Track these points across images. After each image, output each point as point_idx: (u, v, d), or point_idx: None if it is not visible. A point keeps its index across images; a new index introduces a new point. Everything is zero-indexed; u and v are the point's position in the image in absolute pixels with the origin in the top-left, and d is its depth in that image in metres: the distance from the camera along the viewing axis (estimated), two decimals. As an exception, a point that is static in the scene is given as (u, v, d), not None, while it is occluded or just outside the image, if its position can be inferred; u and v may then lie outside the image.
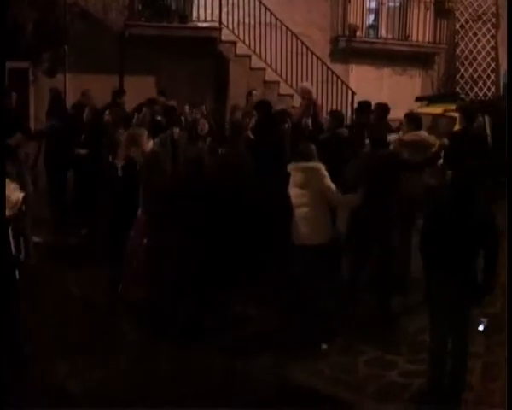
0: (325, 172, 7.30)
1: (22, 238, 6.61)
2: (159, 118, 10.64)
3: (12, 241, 6.17)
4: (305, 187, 7.29)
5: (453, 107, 12.38)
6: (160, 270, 7.31)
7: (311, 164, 7.36)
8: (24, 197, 6.36)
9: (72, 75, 13.77)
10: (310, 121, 10.60)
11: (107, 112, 10.65)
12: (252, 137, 9.75)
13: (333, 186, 7.29)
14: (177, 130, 9.96)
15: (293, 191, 7.41)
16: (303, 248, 7.30)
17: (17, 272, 6.22)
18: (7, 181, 6.13)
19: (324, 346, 7.05)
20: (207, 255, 7.33)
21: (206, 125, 10.26)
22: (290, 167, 7.52)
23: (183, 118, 11.08)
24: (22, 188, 6.73)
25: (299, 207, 7.33)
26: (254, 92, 12.31)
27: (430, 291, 5.93)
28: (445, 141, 9.70)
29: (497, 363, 6.35)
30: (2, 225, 6.01)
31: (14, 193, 6.18)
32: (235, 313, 7.66)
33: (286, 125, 9.82)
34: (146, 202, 7.51)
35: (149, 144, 7.99)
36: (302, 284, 7.36)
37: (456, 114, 11.24)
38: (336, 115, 10.21)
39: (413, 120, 9.29)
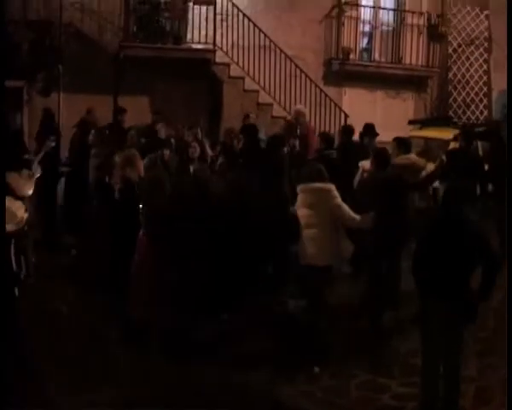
0: (336, 193, 7.38)
1: (23, 257, 6.64)
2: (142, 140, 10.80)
3: (13, 258, 6.20)
4: (314, 208, 7.35)
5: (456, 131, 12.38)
6: (164, 291, 7.27)
7: (321, 185, 7.44)
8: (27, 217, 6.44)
9: (66, 95, 13.82)
10: (297, 142, 10.70)
11: (92, 132, 10.79)
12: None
13: (345, 206, 7.37)
14: (167, 152, 10.01)
15: (302, 212, 7.46)
16: (309, 268, 7.34)
17: (16, 290, 6.22)
18: (12, 199, 6.21)
19: (317, 369, 7.04)
20: (210, 276, 7.37)
21: (198, 149, 10.32)
22: (299, 188, 7.59)
23: (172, 140, 11.09)
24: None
25: (308, 228, 7.36)
26: (251, 115, 12.42)
27: (423, 314, 5.92)
28: (443, 157, 9.71)
29: (489, 387, 6.32)
30: (3, 241, 6.05)
31: (20, 210, 6.28)
32: (229, 331, 7.65)
33: (285, 149, 9.89)
34: (148, 224, 7.45)
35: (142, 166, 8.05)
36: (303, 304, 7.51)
37: (450, 137, 11.32)
38: (325, 137, 10.34)
39: (402, 143, 9.39)
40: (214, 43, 14.20)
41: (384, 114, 15.91)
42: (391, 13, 17.12)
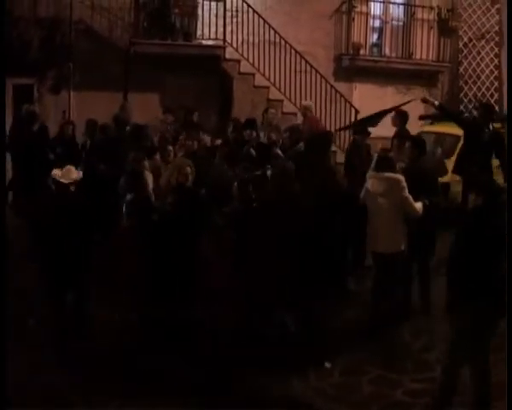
0: (405, 184, 7.57)
1: None
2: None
3: None
4: (386, 196, 7.57)
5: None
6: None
7: (391, 174, 7.67)
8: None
9: (76, 92, 13.85)
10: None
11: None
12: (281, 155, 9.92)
13: (411, 198, 7.55)
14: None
15: (373, 200, 7.70)
16: (378, 255, 7.71)
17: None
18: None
19: (328, 364, 7.03)
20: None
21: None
22: (370, 175, 7.87)
23: None
24: None
25: (377, 216, 7.63)
26: (271, 110, 12.46)
27: (454, 312, 5.85)
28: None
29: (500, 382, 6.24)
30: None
31: (74, 173, 7.33)
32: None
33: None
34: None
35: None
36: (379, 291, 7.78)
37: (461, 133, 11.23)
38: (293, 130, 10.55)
39: (417, 145, 9.31)
40: (224, 40, 14.21)
41: (394, 110, 15.86)
42: (401, 7, 17.04)
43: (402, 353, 7.33)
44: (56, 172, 7.29)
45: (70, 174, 7.27)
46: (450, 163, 11.29)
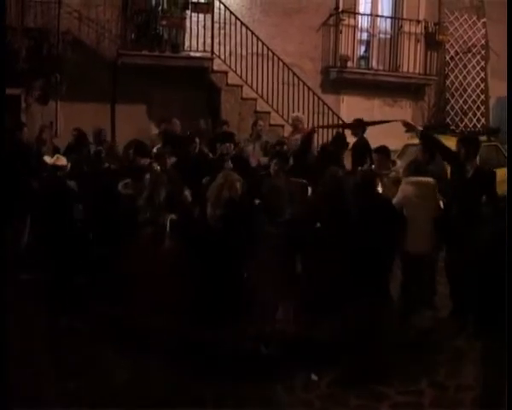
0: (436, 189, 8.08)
1: None
2: None
3: None
4: (424, 200, 7.98)
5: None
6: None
7: (427, 179, 8.13)
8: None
9: (64, 103, 13.81)
10: None
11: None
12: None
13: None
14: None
15: (412, 203, 7.99)
16: (416, 255, 7.99)
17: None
18: None
19: (314, 377, 6.98)
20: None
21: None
22: (407, 181, 8.17)
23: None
24: None
25: (415, 219, 7.93)
26: (260, 122, 12.47)
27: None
28: None
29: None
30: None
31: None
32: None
33: None
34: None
35: None
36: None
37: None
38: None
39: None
40: (212, 51, 14.23)
41: (382, 122, 15.92)
42: (388, 21, 17.13)
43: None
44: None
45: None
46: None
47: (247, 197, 8.16)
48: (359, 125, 11.03)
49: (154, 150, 10.28)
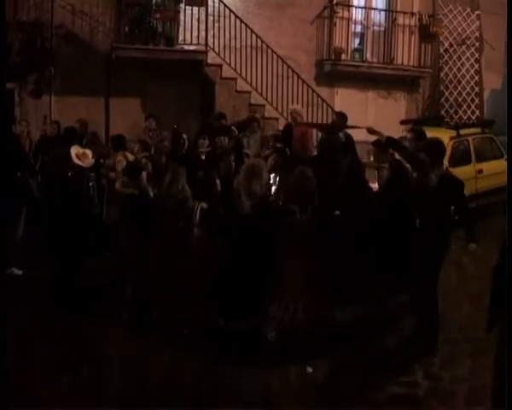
0: None
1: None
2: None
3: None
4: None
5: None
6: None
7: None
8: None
9: (57, 97, 13.78)
10: None
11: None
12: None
13: None
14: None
15: None
16: None
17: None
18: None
19: (309, 369, 6.99)
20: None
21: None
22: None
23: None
24: None
25: None
26: (256, 115, 12.53)
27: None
28: None
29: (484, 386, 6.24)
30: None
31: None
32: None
33: None
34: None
35: None
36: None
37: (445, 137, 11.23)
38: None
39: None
40: (206, 45, 14.19)
41: (376, 115, 15.94)
42: (382, 13, 17.12)
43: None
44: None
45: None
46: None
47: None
48: (334, 127, 10.92)
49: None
